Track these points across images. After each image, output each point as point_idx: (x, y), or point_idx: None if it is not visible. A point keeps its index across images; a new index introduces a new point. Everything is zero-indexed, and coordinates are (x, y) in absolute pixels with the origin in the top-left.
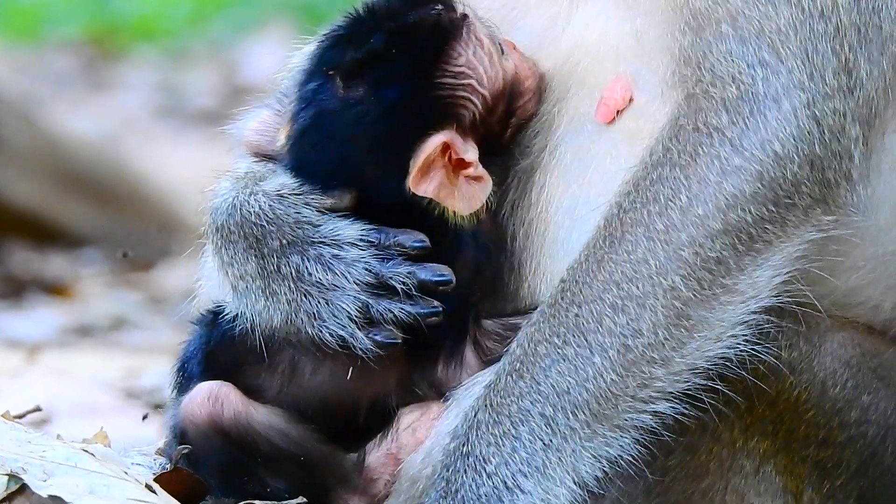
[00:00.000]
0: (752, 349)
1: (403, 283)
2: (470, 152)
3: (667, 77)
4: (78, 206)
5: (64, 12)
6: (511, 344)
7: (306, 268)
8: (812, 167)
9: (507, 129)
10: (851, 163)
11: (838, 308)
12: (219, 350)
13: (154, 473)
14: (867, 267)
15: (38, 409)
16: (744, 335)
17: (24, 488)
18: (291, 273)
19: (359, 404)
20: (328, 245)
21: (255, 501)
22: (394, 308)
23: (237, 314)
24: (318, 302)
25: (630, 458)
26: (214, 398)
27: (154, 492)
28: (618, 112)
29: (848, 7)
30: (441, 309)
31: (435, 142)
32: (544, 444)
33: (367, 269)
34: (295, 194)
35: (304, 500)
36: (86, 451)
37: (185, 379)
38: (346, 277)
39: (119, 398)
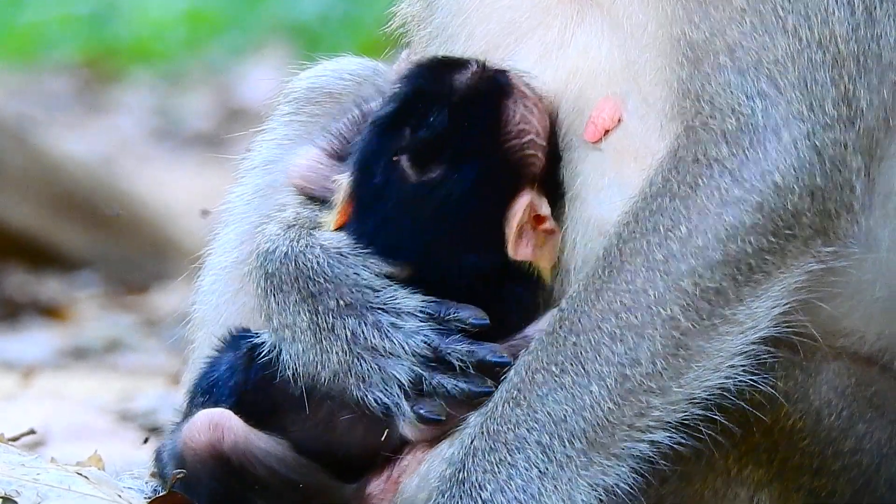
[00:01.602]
0: (750, 379)
1: (461, 361)
2: (544, 207)
3: (665, 109)
4: (73, 228)
5: (60, 35)
6: (509, 371)
7: (362, 332)
8: (813, 198)
9: (555, 171)
10: (853, 194)
11: (828, 337)
12: (255, 392)
13: (147, 497)
14: (844, 295)
15: (32, 432)
16: (742, 365)
17: None
18: (346, 335)
19: (379, 454)
20: (387, 312)
21: None
22: (447, 384)
23: (276, 355)
24: (371, 367)
25: (626, 487)
26: (215, 425)
27: None
28: (606, 131)
29: (846, 36)
30: (494, 388)
31: (523, 204)
32: (540, 471)
33: (425, 342)
34: (354, 255)
35: None
36: (80, 474)
37: (210, 405)
38: (403, 347)
39: (113, 421)
